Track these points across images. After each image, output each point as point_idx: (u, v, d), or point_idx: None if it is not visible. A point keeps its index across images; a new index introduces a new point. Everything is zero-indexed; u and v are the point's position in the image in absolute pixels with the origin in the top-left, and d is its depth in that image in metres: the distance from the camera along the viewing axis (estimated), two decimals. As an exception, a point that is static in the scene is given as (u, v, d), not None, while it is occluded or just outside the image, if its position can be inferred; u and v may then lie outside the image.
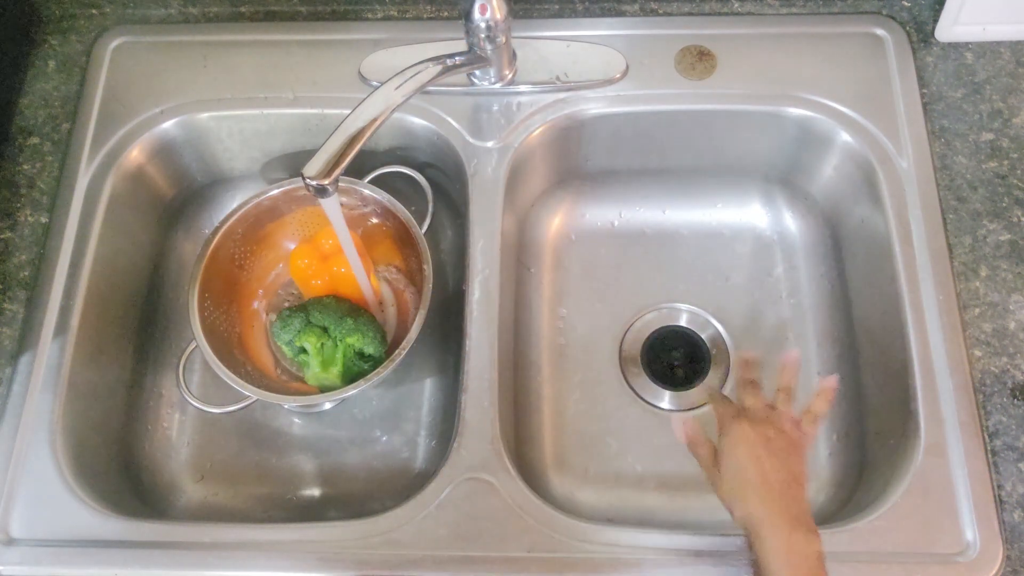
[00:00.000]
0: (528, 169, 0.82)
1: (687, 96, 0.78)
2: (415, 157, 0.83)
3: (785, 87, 0.78)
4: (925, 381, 0.66)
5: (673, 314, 0.85)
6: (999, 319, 0.69)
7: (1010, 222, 0.72)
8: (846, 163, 0.78)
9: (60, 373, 0.69)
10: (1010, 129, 0.76)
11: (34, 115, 0.80)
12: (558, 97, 0.78)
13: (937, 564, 0.61)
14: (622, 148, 0.83)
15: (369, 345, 0.75)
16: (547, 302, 0.86)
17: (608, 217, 0.89)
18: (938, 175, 0.74)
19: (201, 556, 0.63)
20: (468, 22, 0.70)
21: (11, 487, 0.66)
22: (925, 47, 0.80)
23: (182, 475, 0.79)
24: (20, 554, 0.64)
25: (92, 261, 0.74)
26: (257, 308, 0.83)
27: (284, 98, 0.79)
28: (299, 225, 0.82)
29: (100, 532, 0.64)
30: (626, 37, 0.81)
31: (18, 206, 0.76)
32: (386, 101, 0.63)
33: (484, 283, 0.72)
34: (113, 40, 0.83)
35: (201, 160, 0.84)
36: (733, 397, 0.81)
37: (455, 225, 0.87)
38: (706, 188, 0.88)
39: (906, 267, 0.70)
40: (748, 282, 0.86)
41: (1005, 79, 0.78)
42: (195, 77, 0.81)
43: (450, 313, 0.80)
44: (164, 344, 0.83)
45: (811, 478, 0.77)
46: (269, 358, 0.80)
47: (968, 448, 0.64)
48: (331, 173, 0.60)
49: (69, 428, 0.69)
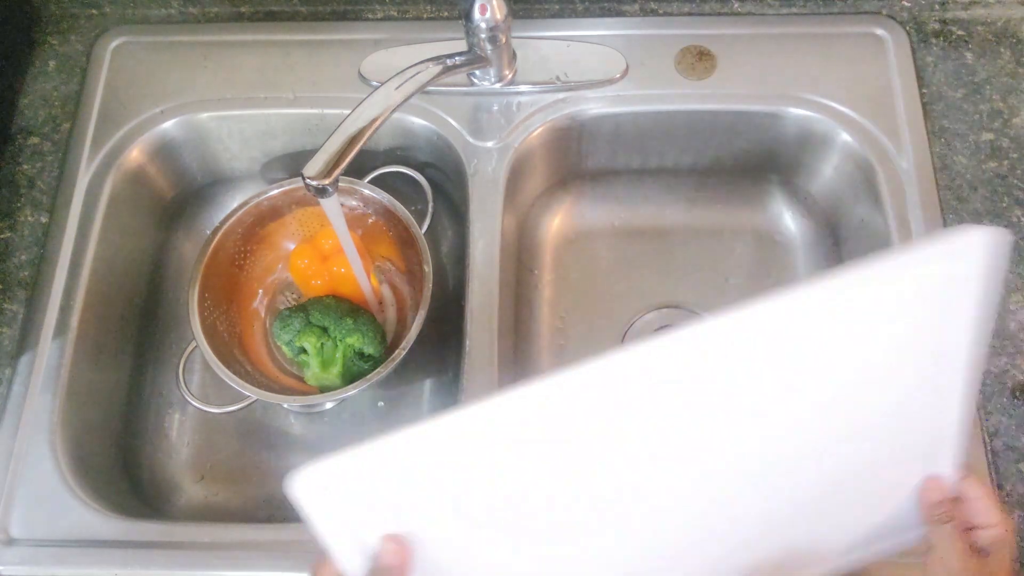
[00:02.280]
0: (528, 169, 0.82)
1: (687, 96, 0.78)
2: (415, 157, 0.83)
3: (785, 87, 0.78)
4: (925, 381, 0.66)
5: (673, 314, 0.85)
6: (999, 319, 0.69)
7: (1010, 222, 0.72)
8: (846, 163, 0.78)
9: (60, 373, 0.69)
10: (1010, 129, 0.76)
11: (34, 115, 0.80)
12: (558, 97, 0.78)
13: (937, 564, 0.61)
14: (622, 148, 0.83)
15: (369, 345, 0.75)
16: (547, 302, 0.86)
17: (608, 217, 0.89)
18: (938, 175, 0.74)
19: (201, 556, 0.63)
20: (468, 22, 0.70)
21: (11, 487, 0.66)
22: (925, 47, 0.80)
23: (182, 475, 0.79)
24: (20, 554, 0.64)
25: (92, 261, 0.74)
26: (257, 308, 0.83)
27: (284, 98, 0.79)
28: (299, 225, 0.82)
29: (100, 532, 0.64)
30: (626, 37, 0.81)
31: (18, 206, 0.76)
32: (386, 101, 0.63)
33: (484, 283, 0.72)
34: (113, 40, 0.83)
35: (201, 160, 0.84)
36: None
37: (455, 225, 0.87)
38: (706, 188, 0.88)
39: (906, 267, 0.70)
40: (748, 282, 0.86)
41: (1005, 79, 0.78)
42: (195, 77, 0.81)
43: (450, 313, 0.80)
44: (164, 344, 0.83)
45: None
46: (269, 358, 0.80)
47: (968, 448, 0.64)
48: (331, 173, 0.60)
49: (69, 428, 0.69)
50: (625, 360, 0.43)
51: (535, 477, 0.46)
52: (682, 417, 0.45)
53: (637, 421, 0.45)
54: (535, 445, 0.45)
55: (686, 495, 0.47)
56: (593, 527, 0.47)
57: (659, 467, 0.46)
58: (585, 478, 0.46)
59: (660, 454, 0.46)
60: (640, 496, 0.47)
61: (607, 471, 0.46)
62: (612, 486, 0.46)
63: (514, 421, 0.44)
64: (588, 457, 0.45)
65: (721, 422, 0.46)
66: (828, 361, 0.45)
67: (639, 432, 0.45)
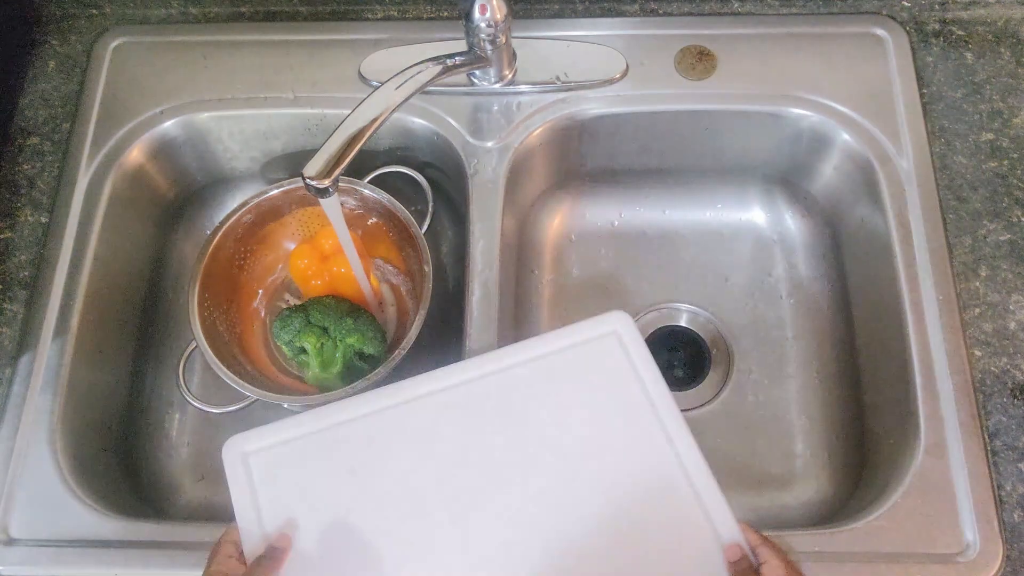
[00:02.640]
0: (528, 169, 0.82)
1: (687, 96, 0.78)
2: (415, 157, 0.83)
3: (785, 87, 0.78)
4: (925, 381, 0.66)
5: (673, 314, 0.85)
6: (999, 319, 0.69)
7: (1010, 222, 0.72)
8: (846, 163, 0.78)
9: (60, 373, 0.69)
10: (1010, 129, 0.76)
11: (34, 115, 0.80)
12: (558, 97, 0.78)
13: (937, 564, 0.61)
14: (622, 148, 0.83)
15: (369, 345, 0.75)
16: (547, 302, 0.86)
17: (608, 217, 0.89)
18: (938, 175, 0.74)
19: (201, 556, 0.63)
20: (468, 22, 0.70)
21: (11, 487, 0.66)
22: (925, 47, 0.80)
23: (182, 475, 0.79)
24: (20, 554, 0.64)
25: (92, 261, 0.74)
26: (257, 308, 0.83)
27: (284, 98, 0.79)
28: (299, 225, 0.82)
29: (100, 532, 0.64)
30: (626, 37, 0.81)
31: (18, 206, 0.76)
32: (386, 101, 0.63)
33: (484, 283, 0.72)
34: (113, 40, 0.83)
35: (201, 160, 0.84)
36: (733, 396, 0.81)
37: (455, 225, 0.87)
38: (706, 188, 0.88)
39: (906, 267, 0.70)
40: (748, 282, 0.86)
41: (1005, 79, 0.78)
42: (195, 77, 0.81)
43: (450, 313, 0.80)
44: (164, 344, 0.83)
45: (811, 478, 0.77)
46: (269, 358, 0.80)
47: (968, 448, 0.64)
48: (331, 173, 0.60)
49: (69, 428, 0.69)
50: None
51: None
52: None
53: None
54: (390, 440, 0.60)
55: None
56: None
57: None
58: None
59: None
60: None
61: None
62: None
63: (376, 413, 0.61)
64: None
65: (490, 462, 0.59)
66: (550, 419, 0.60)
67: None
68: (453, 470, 0.59)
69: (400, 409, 0.61)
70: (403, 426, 0.60)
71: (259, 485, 0.59)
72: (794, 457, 0.78)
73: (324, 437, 0.60)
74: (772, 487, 0.77)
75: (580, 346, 0.63)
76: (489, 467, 0.59)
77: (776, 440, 0.79)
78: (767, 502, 0.77)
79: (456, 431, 0.60)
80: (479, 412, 0.61)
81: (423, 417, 0.61)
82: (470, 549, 0.56)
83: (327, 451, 0.60)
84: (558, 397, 0.61)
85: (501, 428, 0.60)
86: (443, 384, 0.62)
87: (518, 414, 0.61)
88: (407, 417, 0.61)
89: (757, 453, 0.79)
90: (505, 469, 0.59)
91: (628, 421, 0.60)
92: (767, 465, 0.78)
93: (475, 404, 0.61)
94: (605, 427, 0.60)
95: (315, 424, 0.61)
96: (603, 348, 0.63)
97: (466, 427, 0.60)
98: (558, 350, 0.63)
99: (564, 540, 0.56)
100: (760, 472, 0.78)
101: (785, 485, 0.77)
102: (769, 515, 0.76)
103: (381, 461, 0.59)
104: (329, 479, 0.59)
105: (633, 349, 0.62)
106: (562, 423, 0.60)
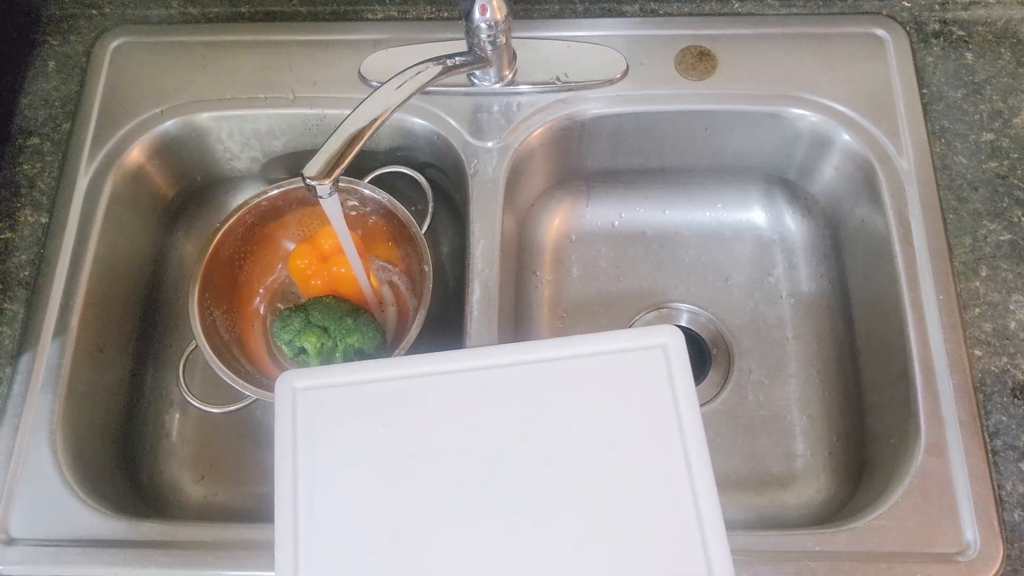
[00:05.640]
0: (528, 169, 0.82)
1: (687, 96, 0.78)
2: (415, 157, 0.83)
3: (785, 87, 0.78)
4: (925, 381, 0.66)
5: (673, 314, 0.85)
6: (999, 319, 0.69)
7: (1010, 222, 0.72)
8: (846, 163, 0.78)
9: (60, 373, 0.69)
10: (1010, 129, 0.76)
11: (34, 115, 0.80)
12: (558, 97, 0.78)
13: (937, 564, 0.61)
14: (622, 148, 0.83)
15: (369, 345, 0.75)
16: (547, 302, 0.86)
17: (608, 217, 0.89)
18: (938, 175, 0.74)
19: (201, 556, 0.63)
20: (468, 22, 0.70)
21: (11, 487, 0.66)
22: (925, 47, 0.80)
23: (182, 475, 0.79)
24: (20, 554, 0.64)
25: (92, 261, 0.74)
26: (257, 308, 0.83)
27: (284, 98, 0.79)
28: (299, 225, 0.82)
29: (100, 532, 0.64)
30: (626, 37, 0.81)
31: (18, 206, 0.76)
32: (386, 101, 0.63)
33: (484, 283, 0.72)
34: (113, 40, 0.83)
35: (201, 160, 0.84)
36: (733, 396, 0.81)
37: (455, 225, 0.87)
38: (706, 188, 0.88)
39: (906, 267, 0.70)
40: (748, 282, 0.86)
41: (1005, 79, 0.78)
42: (195, 77, 0.81)
43: (450, 313, 0.80)
44: (164, 344, 0.83)
45: (811, 477, 0.77)
46: (269, 358, 0.80)
47: (968, 448, 0.64)
48: (331, 173, 0.60)
49: (69, 428, 0.69)
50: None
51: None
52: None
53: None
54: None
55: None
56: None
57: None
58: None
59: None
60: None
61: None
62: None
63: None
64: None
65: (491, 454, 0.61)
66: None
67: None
68: (472, 444, 0.61)
69: (439, 378, 0.63)
70: (438, 393, 0.63)
71: (300, 419, 0.63)
72: (794, 457, 0.78)
73: (367, 389, 0.63)
74: (772, 487, 0.77)
75: (626, 353, 0.63)
76: (506, 450, 0.60)
77: (776, 440, 0.79)
78: (767, 502, 0.77)
79: (486, 409, 0.62)
80: (513, 395, 0.62)
81: (459, 389, 0.63)
82: (471, 523, 0.58)
83: (366, 402, 0.63)
84: (591, 397, 0.62)
85: (530, 415, 0.62)
86: (488, 362, 0.64)
87: (549, 405, 0.62)
88: (444, 386, 0.63)
89: (757, 453, 0.79)
90: (521, 455, 0.60)
91: (653, 437, 0.60)
92: (767, 465, 0.78)
93: (511, 387, 0.63)
94: (629, 437, 0.60)
95: (362, 375, 0.64)
96: (648, 360, 0.63)
97: (496, 407, 0.62)
98: (603, 352, 0.63)
99: (563, 539, 0.57)
100: (760, 472, 0.78)
101: (785, 485, 0.77)
102: (769, 515, 0.76)
103: (410, 422, 0.62)
104: (362, 427, 0.62)
105: (676, 366, 0.62)
106: (588, 423, 0.61)
